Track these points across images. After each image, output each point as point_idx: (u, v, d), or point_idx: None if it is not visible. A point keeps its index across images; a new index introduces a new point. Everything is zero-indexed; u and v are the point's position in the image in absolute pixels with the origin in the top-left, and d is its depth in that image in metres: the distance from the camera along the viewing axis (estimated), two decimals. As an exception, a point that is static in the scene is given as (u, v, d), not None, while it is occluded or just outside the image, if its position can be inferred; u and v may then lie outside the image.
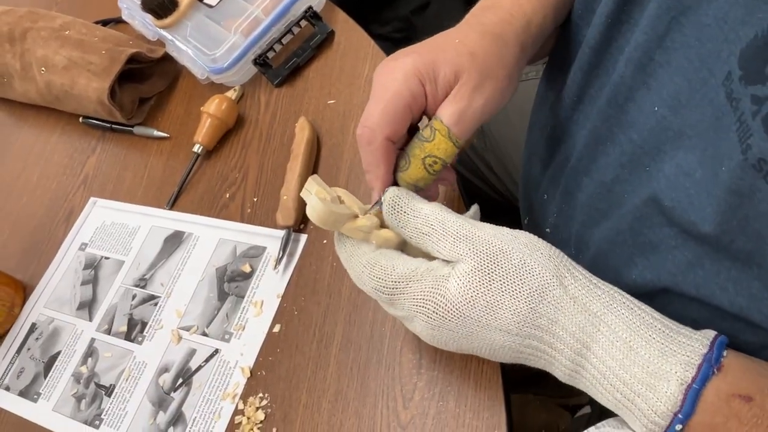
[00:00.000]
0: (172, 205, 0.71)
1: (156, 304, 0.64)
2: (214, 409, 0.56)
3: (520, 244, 0.37)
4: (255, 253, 0.63)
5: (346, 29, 0.75)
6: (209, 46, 0.73)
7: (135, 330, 0.64)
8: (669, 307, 0.37)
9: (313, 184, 0.42)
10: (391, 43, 1.27)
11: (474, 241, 0.37)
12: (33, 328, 0.70)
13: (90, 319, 0.67)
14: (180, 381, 0.59)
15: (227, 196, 0.69)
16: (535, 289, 0.36)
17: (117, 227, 0.72)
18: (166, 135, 0.77)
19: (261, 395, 0.55)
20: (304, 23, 0.74)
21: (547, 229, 0.53)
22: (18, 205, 0.81)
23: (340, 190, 0.44)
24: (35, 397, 0.65)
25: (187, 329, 0.61)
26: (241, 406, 0.55)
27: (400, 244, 0.43)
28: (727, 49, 0.31)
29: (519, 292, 0.36)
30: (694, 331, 0.35)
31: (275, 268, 0.61)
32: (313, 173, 0.66)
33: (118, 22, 0.89)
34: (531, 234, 0.38)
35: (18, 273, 0.74)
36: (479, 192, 0.83)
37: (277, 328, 0.58)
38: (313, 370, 0.54)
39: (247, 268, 0.62)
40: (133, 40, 0.80)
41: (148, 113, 0.80)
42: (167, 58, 0.79)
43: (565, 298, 0.36)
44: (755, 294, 0.34)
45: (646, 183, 0.39)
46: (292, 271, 0.60)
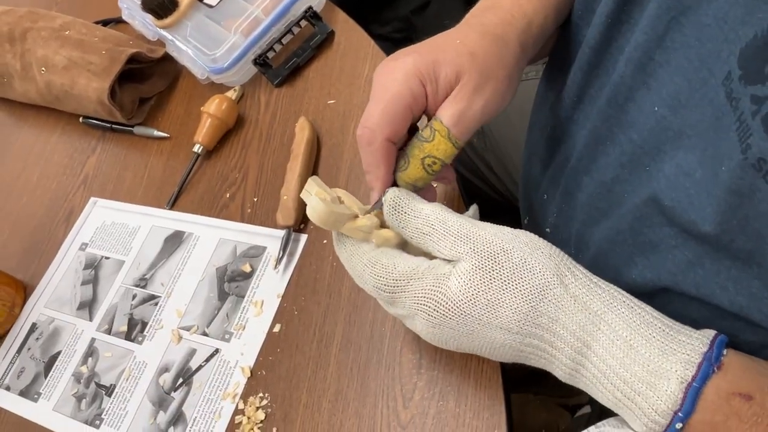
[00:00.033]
0: (173, 205, 0.71)
1: (156, 304, 0.65)
2: (215, 409, 0.56)
3: (521, 243, 0.37)
4: (255, 253, 0.63)
5: (346, 29, 0.75)
6: (209, 46, 0.73)
7: (135, 330, 0.64)
8: (669, 306, 0.37)
9: (313, 185, 0.42)
10: (391, 43, 1.27)
11: (475, 240, 0.37)
12: (33, 327, 0.70)
13: (90, 318, 0.67)
14: (180, 381, 0.59)
15: (227, 196, 0.69)
16: (536, 288, 0.36)
17: (117, 227, 0.72)
18: (166, 135, 0.77)
19: (261, 395, 0.55)
20: (304, 23, 0.74)
21: (547, 229, 0.53)
22: (18, 205, 0.81)
23: (340, 190, 0.44)
24: (36, 396, 0.65)
25: (188, 329, 0.61)
26: (241, 406, 0.55)
27: (400, 243, 0.43)
28: (727, 49, 0.31)
29: (520, 291, 0.36)
30: (694, 330, 0.35)
31: (275, 268, 0.61)
32: (313, 173, 0.66)
33: (118, 22, 0.89)
34: (531, 233, 0.39)
35: (18, 273, 0.74)
36: (479, 192, 0.83)
37: (277, 328, 0.58)
38: (313, 370, 0.54)
39: (247, 268, 0.62)
40: (133, 40, 0.80)
41: (148, 113, 0.80)
42: (167, 58, 0.79)
43: (565, 296, 0.36)
44: (755, 293, 0.34)
45: (646, 183, 0.39)
46: (293, 271, 0.60)
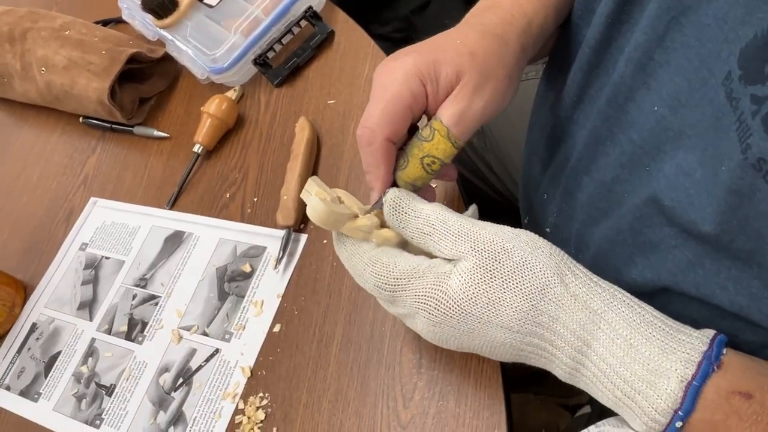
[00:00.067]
0: (173, 205, 0.71)
1: (156, 304, 0.65)
2: (215, 409, 0.56)
3: (522, 242, 0.37)
4: (255, 253, 0.63)
5: (346, 29, 0.75)
6: (209, 46, 0.73)
7: (135, 330, 0.64)
8: (669, 306, 0.37)
9: (313, 185, 0.42)
10: (391, 43, 1.27)
11: (475, 240, 0.37)
12: (33, 327, 0.70)
13: (90, 318, 0.67)
14: (180, 381, 0.59)
15: (227, 196, 0.69)
16: (537, 287, 0.36)
17: (117, 227, 0.72)
18: (166, 135, 0.77)
19: (261, 395, 0.55)
20: (304, 23, 0.74)
21: (547, 229, 0.53)
22: (18, 205, 0.81)
23: (339, 191, 0.44)
24: (36, 396, 0.65)
25: (188, 329, 0.61)
26: (241, 406, 0.55)
27: (400, 243, 0.43)
28: (727, 49, 0.31)
29: (520, 290, 0.36)
30: (694, 330, 0.35)
31: (275, 267, 0.61)
32: (313, 173, 0.66)
33: (118, 22, 0.89)
34: (532, 232, 0.39)
35: (18, 273, 0.74)
36: (479, 192, 0.83)
37: (277, 328, 0.58)
38: (313, 370, 0.54)
39: (247, 268, 0.62)
40: (133, 40, 0.80)
41: (148, 113, 0.80)
42: (167, 58, 0.79)
43: (566, 295, 0.36)
44: (755, 293, 0.34)
45: (646, 183, 0.39)
46: (293, 271, 0.60)
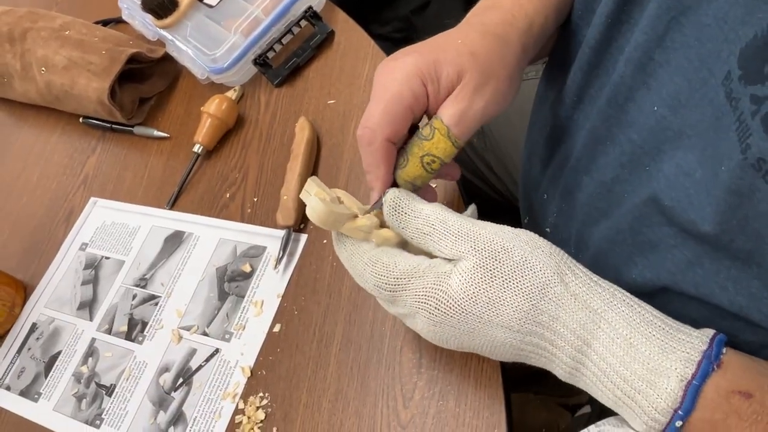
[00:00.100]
0: (173, 205, 0.71)
1: (156, 304, 0.65)
2: (215, 409, 0.56)
3: (522, 241, 0.37)
4: (255, 253, 0.63)
5: (346, 29, 0.75)
6: (209, 46, 0.73)
7: (135, 330, 0.64)
8: (669, 306, 0.37)
9: (313, 186, 0.42)
10: (391, 43, 1.27)
11: (475, 239, 0.37)
12: (33, 327, 0.70)
13: (90, 318, 0.67)
14: (180, 381, 0.59)
15: (227, 196, 0.69)
16: (537, 286, 0.36)
17: (117, 227, 0.72)
18: (166, 135, 0.77)
19: (261, 395, 0.55)
20: (304, 23, 0.74)
21: (547, 229, 0.53)
22: (18, 205, 0.81)
23: (339, 191, 0.44)
24: (36, 396, 0.65)
25: (188, 329, 0.61)
26: (241, 406, 0.55)
27: (400, 243, 0.43)
28: (727, 49, 0.31)
29: (520, 289, 0.36)
30: (694, 329, 0.35)
31: (275, 267, 0.61)
32: (313, 173, 0.66)
33: (118, 22, 0.89)
34: (531, 232, 0.39)
35: (18, 273, 0.74)
36: (479, 192, 0.83)
37: (277, 328, 0.58)
38: (313, 370, 0.54)
39: (247, 268, 0.62)
40: (133, 40, 0.80)
41: (148, 113, 0.80)
42: (167, 58, 0.79)
43: (566, 295, 0.36)
44: (755, 293, 0.34)
45: (645, 182, 0.39)
46: (293, 271, 0.60)
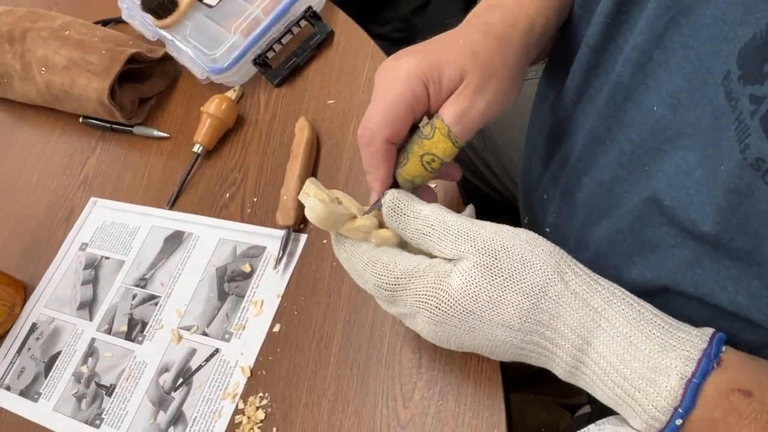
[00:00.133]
0: (172, 205, 0.71)
1: (156, 304, 0.65)
2: (215, 409, 0.56)
3: (521, 240, 0.37)
4: (255, 253, 0.63)
5: (346, 29, 0.75)
6: (209, 46, 0.73)
7: (135, 330, 0.64)
8: (669, 306, 0.37)
9: (311, 187, 0.42)
10: (390, 42, 1.27)
11: (475, 239, 0.37)
12: (33, 327, 0.70)
13: (90, 318, 0.67)
14: (180, 381, 0.59)
15: (227, 196, 0.69)
16: (537, 285, 0.36)
17: (117, 227, 0.72)
18: (166, 135, 0.77)
19: (261, 395, 0.55)
20: (303, 23, 0.74)
21: (547, 229, 0.53)
22: (18, 205, 0.81)
23: (337, 192, 0.44)
24: (36, 396, 0.65)
25: (188, 329, 0.61)
26: (241, 406, 0.55)
27: (399, 243, 0.43)
28: (726, 49, 0.31)
29: (521, 288, 0.36)
30: (693, 328, 0.35)
31: (275, 267, 0.61)
32: (312, 173, 0.66)
33: (118, 22, 0.89)
34: (531, 231, 0.39)
35: (18, 273, 0.74)
36: (479, 192, 0.83)
37: (277, 328, 0.58)
38: (313, 370, 0.54)
39: (247, 268, 0.62)
40: (133, 40, 0.80)
41: (148, 113, 0.80)
42: (167, 58, 0.79)
43: (566, 293, 0.36)
44: (755, 293, 0.34)
45: (645, 182, 0.39)
46: (292, 271, 0.60)
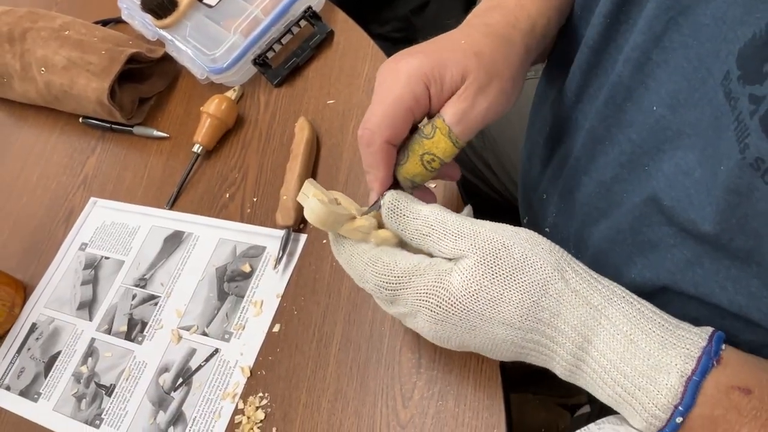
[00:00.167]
0: (172, 205, 0.71)
1: (156, 304, 0.65)
2: (214, 409, 0.56)
3: (521, 239, 0.37)
4: (255, 253, 0.63)
5: (346, 29, 0.75)
6: (209, 46, 0.73)
7: (135, 330, 0.64)
8: (668, 305, 0.38)
9: (310, 188, 0.42)
10: (390, 42, 1.27)
11: (475, 238, 0.37)
12: (33, 328, 0.70)
13: (90, 318, 0.67)
14: (180, 381, 0.59)
15: (227, 196, 0.69)
16: (538, 283, 0.36)
17: (117, 227, 0.72)
18: (165, 135, 0.77)
19: (261, 395, 0.55)
20: (303, 23, 0.74)
21: (547, 229, 0.53)
22: (18, 205, 0.81)
23: (336, 192, 0.44)
24: (36, 396, 0.65)
25: (187, 329, 0.61)
26: (241, 406, 0.55)
27: (398, 243, 0.43)
28: (726, 49, 0.31)
29: (521, 286, 0.36)
30: (693, 326, 0.35)
31: (275, 267, 0.61)
32: (312, 173, 0.66)
33: (117, 22, 0.89)
34: (531, 230, 0.39)
35: (18, 273, 0.74)
36: (478, 192, 0.83)
37: (276, 328, 0.58)
38: (312, 370, 0.54)
39: (246, 268, 0.62)
40: (132, 40, 0.80)
41: (148, 113, 0.80)
42: (167, 58, 0.79)
43: (566, 291, 0.36)
44: (754, 292, 0.34)
45: (645, 182, 0.39)
46: (292, 271, 0.60)
